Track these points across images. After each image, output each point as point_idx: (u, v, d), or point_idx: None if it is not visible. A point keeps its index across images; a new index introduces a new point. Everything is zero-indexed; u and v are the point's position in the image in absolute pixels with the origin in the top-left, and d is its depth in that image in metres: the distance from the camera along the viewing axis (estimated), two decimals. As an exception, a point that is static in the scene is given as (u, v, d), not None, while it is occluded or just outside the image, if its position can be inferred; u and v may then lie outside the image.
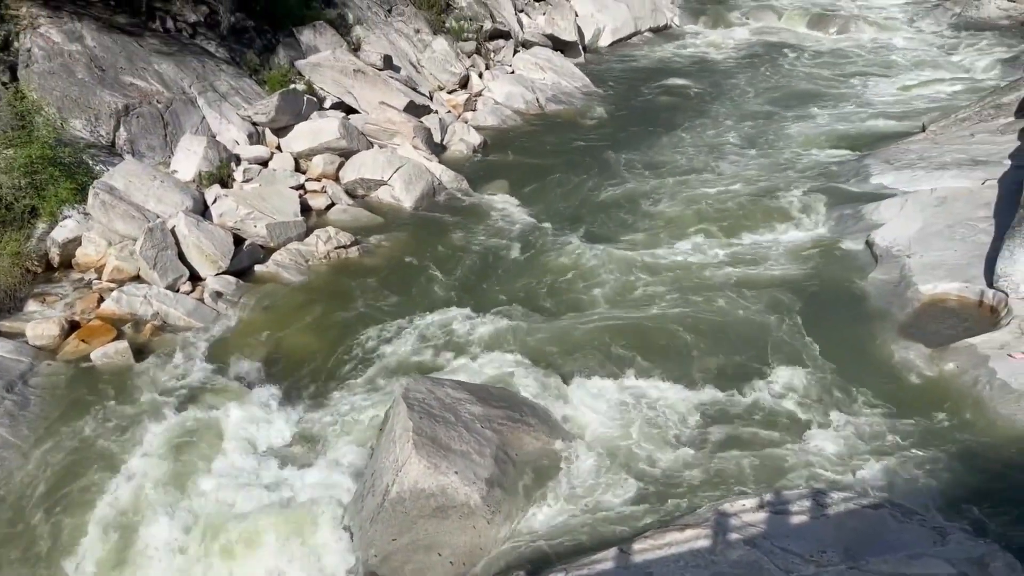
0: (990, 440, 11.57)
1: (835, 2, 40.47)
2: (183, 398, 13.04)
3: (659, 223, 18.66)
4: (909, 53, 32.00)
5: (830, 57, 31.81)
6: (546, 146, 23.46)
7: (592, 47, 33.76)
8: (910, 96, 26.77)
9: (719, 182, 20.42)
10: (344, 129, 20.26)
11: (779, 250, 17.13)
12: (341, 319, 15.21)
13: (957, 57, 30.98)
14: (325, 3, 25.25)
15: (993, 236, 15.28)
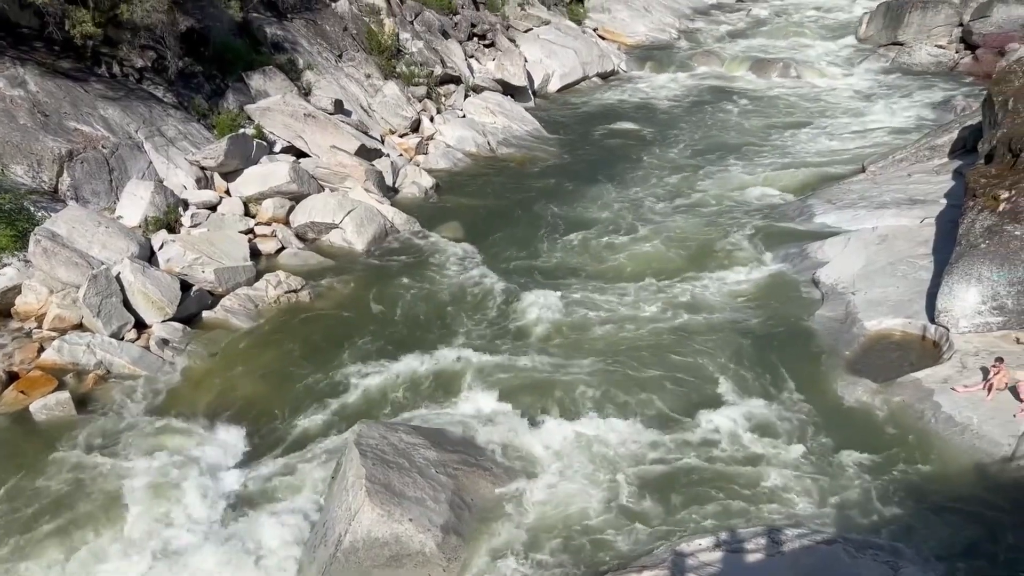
0: (938, 472, 11.79)
1: (776, 49, 41.79)
2: (127, 451, 12.62)
3: (610, 264, 18.85)
4: (847, 97, 33.11)
5: (772, 101, 32.76)
6: (498, 188, 23.62)
7: (542, 92, 34.28)
8: (849, 138, 27.63)
9: (667, 224, 20.74)
10: (295, 173, 20.16)
11: (728, 289, 17.38)
12: (291, 364, 14.96)
13: (892, 101, 32.13)
14: (275, 48, 25.26)
15: (933, 272, 15.75)
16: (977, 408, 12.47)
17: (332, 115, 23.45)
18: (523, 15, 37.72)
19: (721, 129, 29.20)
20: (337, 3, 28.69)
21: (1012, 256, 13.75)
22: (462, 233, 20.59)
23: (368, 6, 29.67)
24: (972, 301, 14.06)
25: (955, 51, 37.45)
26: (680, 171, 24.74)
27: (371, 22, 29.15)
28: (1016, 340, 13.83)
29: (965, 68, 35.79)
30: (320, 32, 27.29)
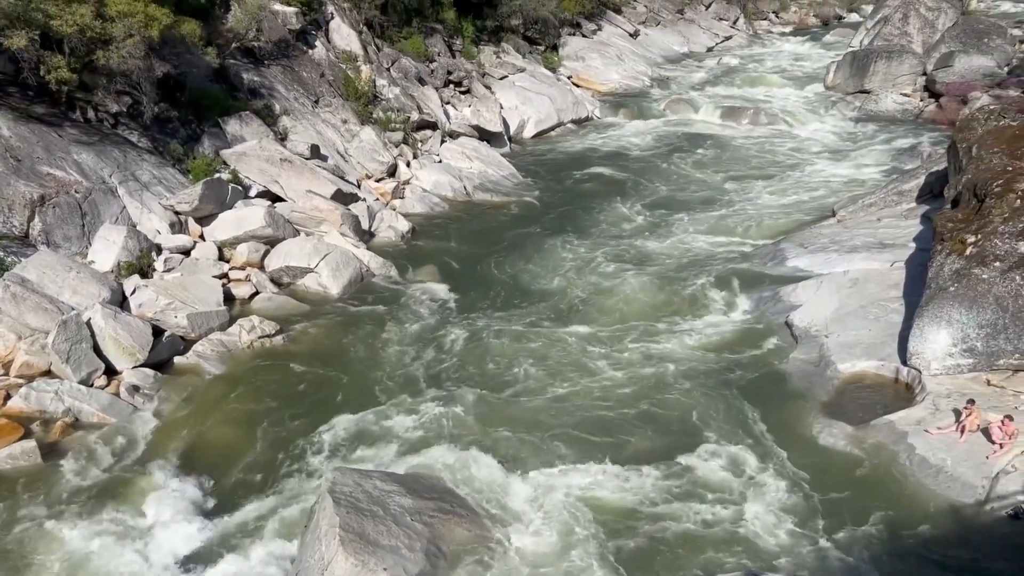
0: (914, 515, 11.81)
1: (747, 97, 42.67)
2: (95, 501, 12.33)
3: (584, 309, 18.89)
4: (816, 143, 33.80)
5: (743, 147, 33.34)
6: (474, 232, 23.71)
7: (517, 137, 34.65)
8: (819, 183, 28.13)
9: (641, 268, 20.89)
10: (270, 217, 20.12)
11: (702, 333, 17.47)
12: (264, 411, 14.76)
13: (861, 147, 32.83)
14: (252, 94, 25.38)
15: (904, 315, 15.95)
16: (951, 450, 12.54)
17: (308, 160, 23.52)
18: (498, 63, 38.27)
19: (693, 175, 29.61)
20: (314, 50, 28.95)
21: (980, 299, 13.97)
22: (438, 277, 20.59)
23: (345, 53, 29.97)
24: (943, 343, 14.24)
25: (920, 99, 38.46)
26: (654, 216, 25.01)
27: (348, 69, 29.43)
28: (987, 382, 13.99)
29: (930, 116, 36.72)
30: (297, 78, 27.49)
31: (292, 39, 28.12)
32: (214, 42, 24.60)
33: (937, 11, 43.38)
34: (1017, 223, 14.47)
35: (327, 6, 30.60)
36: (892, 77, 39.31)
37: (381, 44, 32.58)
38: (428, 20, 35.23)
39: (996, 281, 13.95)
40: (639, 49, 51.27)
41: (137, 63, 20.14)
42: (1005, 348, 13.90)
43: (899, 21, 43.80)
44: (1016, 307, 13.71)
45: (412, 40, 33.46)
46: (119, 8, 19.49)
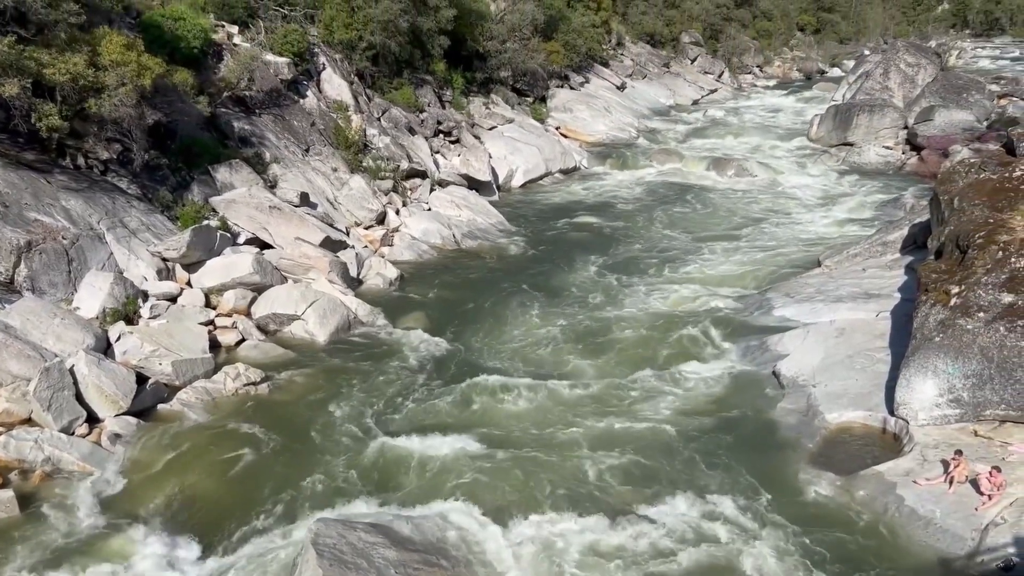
0: (904, 566, 11.70)
1: (732, 148, 43.32)
2: (73, 553, 12.06)
3: (571, 358, 18.86)
4: (801, 194, 34.25)
5: (729, 198, 33.74)
6: (462, 280, 23.75)
7: (506, 187, 34.97)
8: (805, 233, 28.44)
9: (628, 317, 20.93)
10: (258, 264, 20.12)
11: (689, 382, 17.44)
12: (248, 460, 14.55)
13: (845, 198, 33.29)
14: (242, 142, 25.56)
15: (890, 365, 16.01)
16: (939, 502, 12.49)
17: (297, 207, 23.62)
18: (488, 113, 38.80)
19: (680, 224, 29.88)
20: (305, 99, 29.28)
21: (965, 349, 14.04)
22: (426, 324, 20.55)
23: (336, 103, 30.31)
24: (930, 394, 14.26)
25: (902, 152, 39.16)
26: (641, 265, 25.15)
27: (339, 118, 29.73)
28: (974, 432, 14.00)
29: (912, 168, 37.34)
30: (288, 127, 27.74)
31: (284, 89, 28.44)
32: (206, 91, 24.83)
33: (917, 67, 44.45)
34: (1000, 274, 14.63)
35: (319, 57, 31.03)
36: (874, 130, 40.06)
37: (372, 94, 33.02)
38: (419, 72, 35.77)
39: (980, 332, 14.05)
40: (626, 101, 52.15)
41: (129, 111, 20.27)
42: (991, 399, 13.94)
43: (880, 76, 44.82)
44: (1001, 357, 13.78)
45: (403, 91, 33.93)
46: (112, 57, 19.69)
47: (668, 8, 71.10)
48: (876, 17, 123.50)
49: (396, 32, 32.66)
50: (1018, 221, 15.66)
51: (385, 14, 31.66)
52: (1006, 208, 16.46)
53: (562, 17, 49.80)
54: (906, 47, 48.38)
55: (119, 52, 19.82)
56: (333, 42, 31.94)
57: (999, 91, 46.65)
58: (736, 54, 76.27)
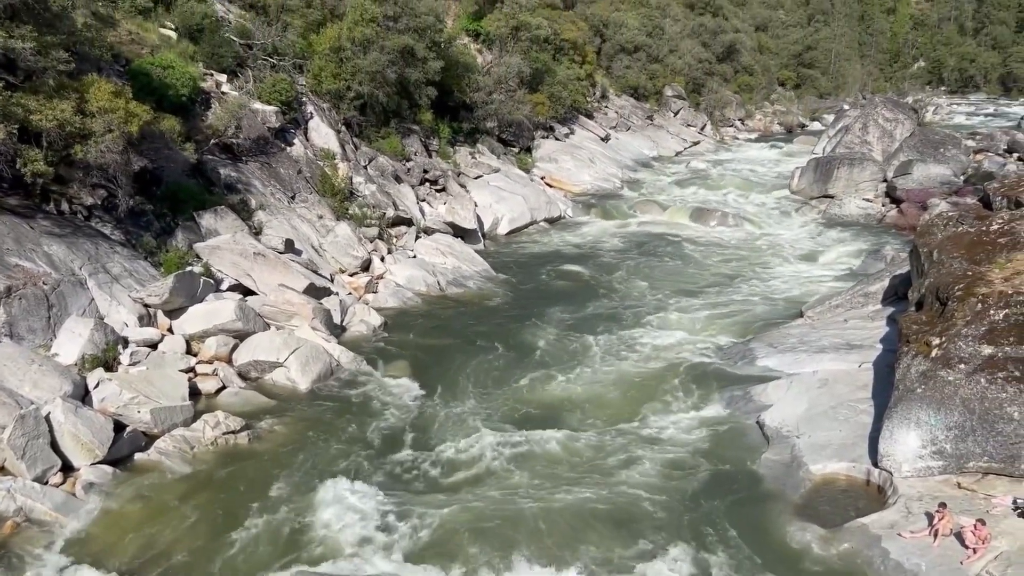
0: (890, 624, 11.57)
1: (714, 199, 43.84)
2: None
3: (553, 407, 18.77)
4: (783, 245, 34.62)
5: (712, 248, 34.05)
6: (446, 327, 23.69)
7: (491, 235, 35.15)
8: (787, 284, 28.67)
9: (612, 366, 20.91)
10: (240, 311, 20.01)
11: (673, 432, 17.37)
12: (224, 513, 14.26)
13: (826, 249, 33.67)
14: (228, 189, 25.62)
15: (873, 416, 16.03)
16: (925, 555, 12.40)
17: (282, 254, 23.61)
18: (474, 163, 39.15)
19: (664, 274, 30.06)
20: (292, 147, 29.47)
21: (947, 401, 14.09)
22: (409, 372, 20.43)
23: (323, 151, 30.52)
24: (913, 445, 14.26)
25: (882, 204, 39.79)
26: (624, 314, 25.20)
27: (325, 166, 29.91)
28: (957, 485, 13.97)
29: (892, 220, 37.90)
30: (274, 174, 27.85)
31: (271, 136, 28.63)
32: (193, 138, 24.96)
33: (895, 122, 45.42)
34: (979, 326, 14.76)
35: (307, 106, 31.33)
36: (854, 183, 40.73)
37: (359, 143, 33.29)
38: (406, 121, 36.15)
39: (962, 383, 14.12)
40: (610, 152, 52.80)
41: (115, 157, 20.30)
42: (974, 450, 13.95)
43: (859, 130, 45.74)
44: (982, 409, 13.84)
45: (390, 140, 34.24)
46: (100, 104, 19.77)
47: (651, 62, 72.46)
48: (854, 73, 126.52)
49: (384, 83, 33.08)
50: (996, 274, 15.87)
51: (373, 65, 32.09)
52: (984, 261, 16.69)
53: (547, 70, 50.64)
54: (884, 102, 49.50)
55: (107, 99, 19.91)
56: (321, 91, 32.30)
57: (975, 146, 47.67)
58: (718, 107, 77.64)
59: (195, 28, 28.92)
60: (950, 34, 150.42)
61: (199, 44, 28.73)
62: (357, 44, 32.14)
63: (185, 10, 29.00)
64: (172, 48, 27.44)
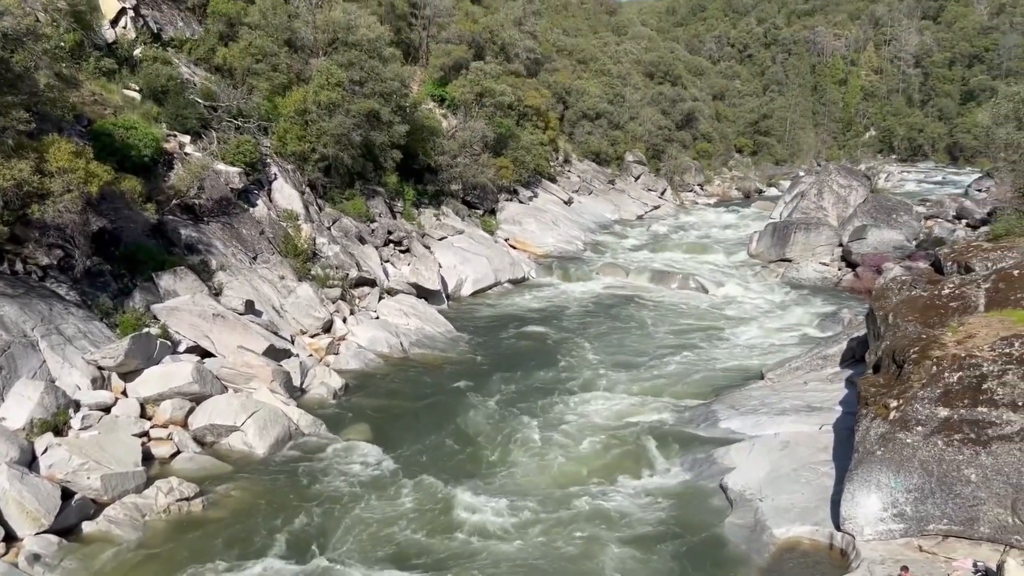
0: None
1: (675, 262, 44.48)
2: None
3: (517, 471, 18.57)
4: (743, 308, 35.09)
5: (673, 311, 34.38)
6: (408, 389, 23.45)
7: (455, 296, 35.16)
8: (747, 346, 28.97)
9: (575, 429, 20.80)
10: (198, 373, 19.63)
11: (636, 496, 17.24)
12: (175, 583, 13.77)
13: (784, 312, 34.19)
14: (188, 249, 25.38)
15: (835, 479, 16.08)
16: (889, 620, 12.32)
17: (242, 315, 23.33)
18: (438, 224, 39.38)
19: (625, 336, 30.22)
20: (255, 208, 29.39)
21: (906, 463, 14.21)
22: (369, 435, 20.11)
23: (286, 212, 30.48)
24: (874, 508, 14.30)
25: (838, 268, 40.66)
26: (587, 376, 25.20)
27: (288, 227, 29.84)
28: (919, 548, 13.99)
29: (848, 284, 38.71)
30: (236, 235, 27.69)
31: (234, 197, 28.54)
32: (155, 198, 24.78)
33: (849, 188, 46.73)
34: (935, 389, 14.99)
35: (271, 167, 31.39)
36: (811, 247, 41.66)
37: (323, 204, 33.34)
38: (371, 183, 36.37)
39: (920, 446, 14.26)
40: (573, 215, 53.50)
41: (73, 217, 20.05)
42: (933, 513, 14.02)
43: (815, 196, 46.96)
44: (941, 471, 13.96)
45: (354, 201, 34.35)
46: (60, 164, 19.59)
47: (612, 129, 74.09)
48: (809, 141, 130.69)
49: (349, 145, 33.34)
50: (949, 337, 16.20)
51: (339, 128, 32.37)
52: (937, 324, 17.05)
53: (511, 135, 51.51)
54: (838, 169, 50.99)
55: (67, 159, 19.75)
56: (286, 153, 32.41)
57: (925, 213, 49.20)
58: (678, 173, 79.37)
59: (160, 90, 28.99)
60: (899, 105, 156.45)
61: (163, 105, 28.76)
62: (323, 107, 32.45)
63: (150, 72, 29.08)
64: (136, 109, 27.44)
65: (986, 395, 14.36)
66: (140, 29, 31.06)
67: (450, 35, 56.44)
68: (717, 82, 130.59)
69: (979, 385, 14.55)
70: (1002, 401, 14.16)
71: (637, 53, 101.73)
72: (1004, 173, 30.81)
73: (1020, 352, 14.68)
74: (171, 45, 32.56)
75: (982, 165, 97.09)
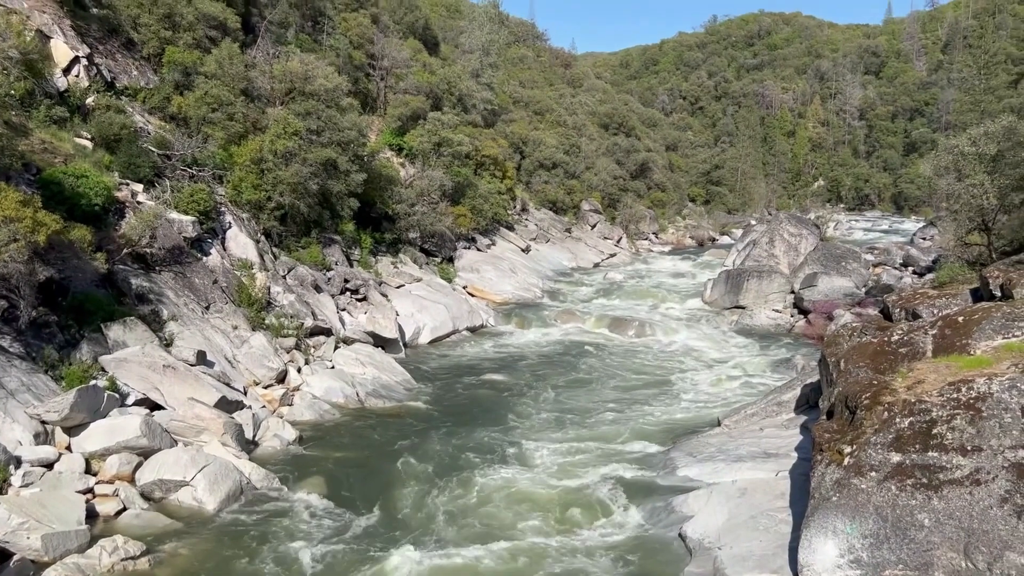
0: None
1: (631, 309, 44.85)
2: None
3: (473, 522, 18.27)
4: (698, 355, 35.41)
5: (629, 357, 34.55)
6: (364, 441, 23.07)
7: (413, 344, 34.93)
8: (704, 393, 29.16)
9: (532, 478, 20.62)
10: (146, 427, 19.09)
11: (594, 545, 17.07)
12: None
13: (739, 359, 34.56)
14: (139, 299, 24.87)
15: (792, 526, 16.12)
16: (849, 669, 12.26)
17: (193, 366, 22.85)
18: (396, 272, 39.28)
19: (582, 383, 30.24)
20: (209, 257, 29.01)
21: (861, 509, 14.30)
22: (323, 488, 19.68)
23: (241, 261, 30.15)
24: (831, 555, 14.31)
25: (790, 315, 41.37)
26: (544, 424, 25.10)
27: (243, 275, 29.48)
28: (876, 594, 14.02)
29: (801, 330, 39.36)
30: (189, 284, 27.26)
31: (187, 246, 28.17)
32: (105, 247, 24.31)
33: (799, 236, 47.85)
34: (887, 434, 15.19)
35: (226, 216, 31.10)
36: (764, 294, 42.38)
37: (279, 252, 33.06)
38: (327, 231, 36.22)
39: (874, 491, 14.39)
40: (531, 263, 53.84)
41: (18, 267, 19.56)
42: (889, 558, 14.08)
43: (766, 244, 47.96)
44: (895, 516, 14.08)
45: (310, 250, 34.13)
46: (6, 213, 19.17)
47: (569, 178, 75.15)
48: (760, 190, 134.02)
49: (306, 194, 33.25)
50: (899, 383, 16.50)
51: (295, 177, 32.29)
52: (887, 370, 17.36)
53: (469, 183, 51.93)
54: (788, 218, 52.26)
55: (13, 208, 19.35)
56: (241, 202, 32.18)
57: (873, 260, 50.54)
58: (633, 221, 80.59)
59: (112, 138, 28.69)
60: (845, 156, 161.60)
61: (116, 154, 28.44)
62: (279, 156, 32.39)
63: (102, 121, 28.80)
64: (87, 158, 27.08)
65: (936, 440, 14.60)
66: (93, 78, 30.82)
67: (408, 86, 57.09)
68: (670, 133, 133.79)
69: (929, 430, 14.79)
70: (951, 446, 14.39)
71: (592, 105, 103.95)
72: (946, 222, 31.86)
73: (967, 397, 14.99)
74: (125, 94, 32.35)
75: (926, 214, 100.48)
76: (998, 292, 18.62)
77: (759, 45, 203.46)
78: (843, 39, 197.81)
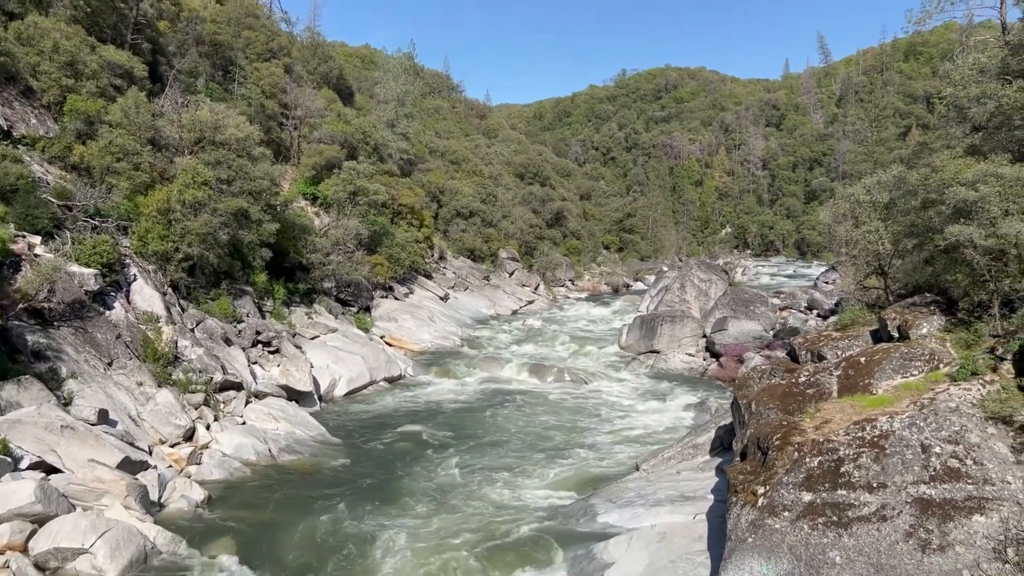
0: None
1: (550, 356, 45.09)
2: None
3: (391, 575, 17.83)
4: (616, 399, 35.75)
5: (549, 404, 34.62)
6: (277, 499, 22.28)
7: (328, 396, 34.13)
8: (622, 437, 29.38)
9: (450, 532, 20.26)
10: (41, 492, 17.97)
11: (520, 598, 16.83)
12: None
13: (655, 403, 35.05)
14: (35, 356, 23.61)
15: (711, 568, 16.25)
16: None
17: (94, 426, 21.74)
18: (310, 323, 38.52)
19: (503, 431, 30.07)
20: (112, 311, 27.86)
21: (776, 549, 14.53)
22: (233, 550, 18.84)
23: (146, 314, 29.05)
24: (749, 596, 14.46)
25: (703, 359, 42.32)
26: (464, 474, 24.78)
27: (148, 330, 28.38)
28: (794, 634, 14.18)
29: (713, 373, 40.27)
30: (90, 340, 26.05)
31: (88, 300, 26.98)
32: (-2, 302, 23.12)
33: (709, 282, 49.22)
34: (797, 474, 15.57)
35: (130, 268, 30.01)
36: (677, 339, 43.26)
37: (187, 305, 32.02)
38: (238, 282, 35.34)
39: (788, 530, 14.66)
40: (449, 311, 53.68)
41: (-99, 324, 18.38)
42: (804, 597, 14.32)
43: (678, 290, 49.16)
44: (808, 555, 14.35)
45: (220, 302, 33.19)
46: None
47: (486, 226, 75.74)
48: (671, 238, 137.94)
49: (215, 244, 32.45)
50: (807, 423, 16.98)
51: (204, 227, 31.51)
52: (796, 411, 17.86)
53: (386, 232, 51.69)
54: (698, 264, 53.78)
55: None
56: (147, 253, 31.14)
57: (780, 304, 52.35)
58: (550, 269, 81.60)
59: (8, 189, 27.46)
60: (751, 204, 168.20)
61: (11, 205, 27.21)
62: (187, 206, 31.59)
63: (-2, 170, 27.59)
64: (-20, 208, 25.83)
65: (844, 478, 15.03)
66: (-11, 125, 29.58)
67: (322, 135, 56.80)
68: (583, 183, 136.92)
69: (837, 468, 15.23)
70: (858, 483, 14.84)
71: (507, 155, 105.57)
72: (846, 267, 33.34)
73: (871, 435, 15.53)
74: (22, 143, 31.12)
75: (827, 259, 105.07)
76: (896, 333, 19.49)
77: (666, 98, 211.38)
78: (745, 92, 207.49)
